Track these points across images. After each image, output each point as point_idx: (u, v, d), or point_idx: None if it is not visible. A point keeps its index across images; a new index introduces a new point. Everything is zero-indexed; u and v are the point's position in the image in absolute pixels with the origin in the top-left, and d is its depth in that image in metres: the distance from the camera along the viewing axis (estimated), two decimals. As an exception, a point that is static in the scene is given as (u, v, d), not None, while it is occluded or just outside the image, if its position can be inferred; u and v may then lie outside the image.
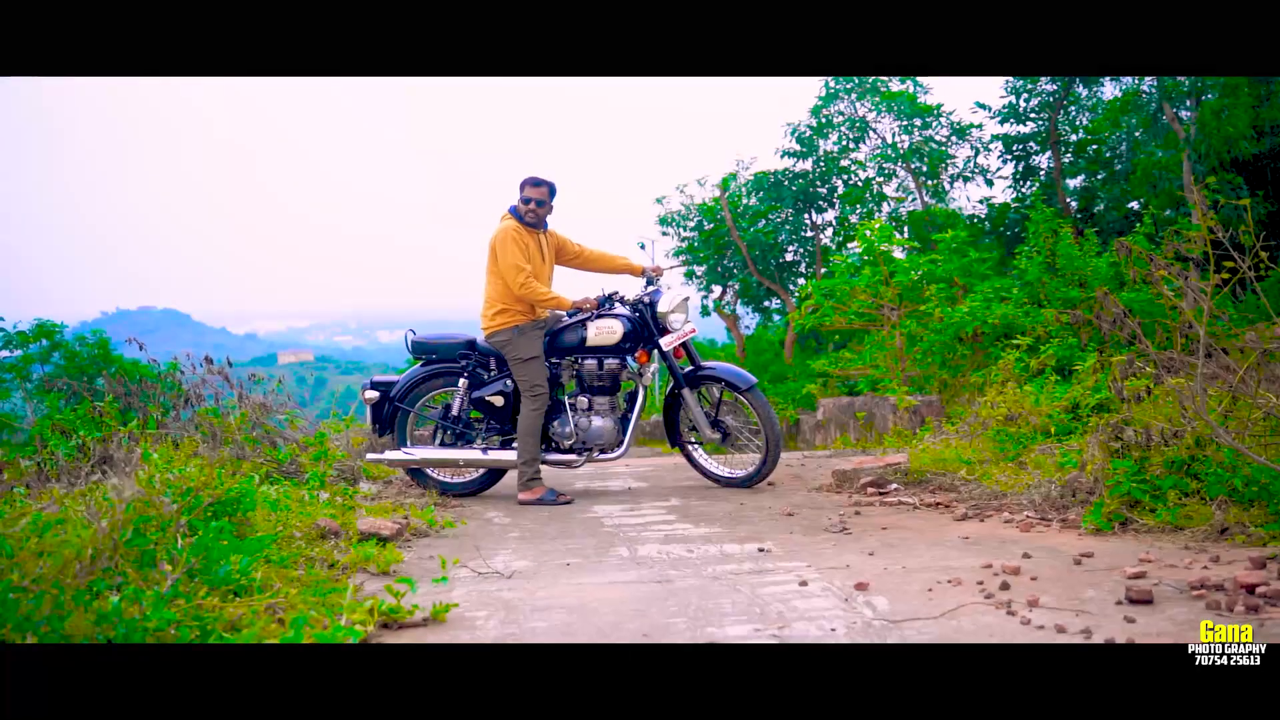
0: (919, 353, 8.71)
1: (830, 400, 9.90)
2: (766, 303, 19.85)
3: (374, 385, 5.09)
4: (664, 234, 19.23)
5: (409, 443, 5.04)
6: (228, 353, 5.98)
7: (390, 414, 5.01)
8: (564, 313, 4.94)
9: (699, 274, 19.09)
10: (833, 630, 2.12)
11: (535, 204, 4.76)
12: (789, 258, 18.80)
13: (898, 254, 10.63)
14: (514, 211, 4.80)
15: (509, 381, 4.90)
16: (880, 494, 4.58)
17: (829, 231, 18.32)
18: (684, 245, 19.04)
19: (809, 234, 18.22)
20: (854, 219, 16.67)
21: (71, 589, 1.84)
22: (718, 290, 19.63)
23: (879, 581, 2.61)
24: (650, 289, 5.02)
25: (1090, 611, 2.17)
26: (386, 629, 2.26)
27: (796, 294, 16.51)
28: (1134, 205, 14.25)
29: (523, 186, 4.79)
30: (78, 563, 2.04)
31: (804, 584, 2.62)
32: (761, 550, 3.23)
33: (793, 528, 3.69)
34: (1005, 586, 2.44)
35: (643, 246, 18.68)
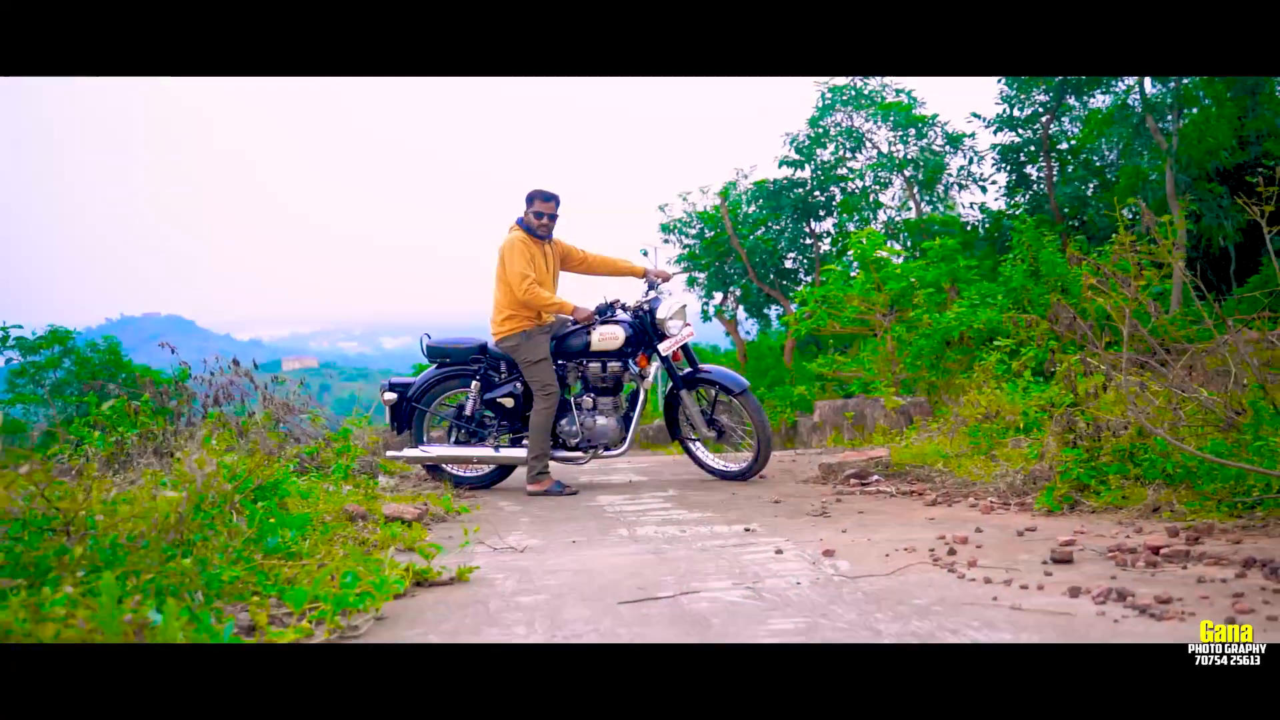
0: (909, 356, 9.10)
1: (826, 403, 10.28)
2: (766, 309, 20.24)
3: (392, 387, 5.48)
4: (666, 241, 19.66)
5: (426, 440, 5.43)
6: (232, 359, 6.36)
7: (408, 413, 5.40)
8: (568, 318, 5.31)
9: (701, 280, 19.50)
10: (798, 584, 2.50)
11: (548, 218, 5.13)
12: (788, 265, 19.22)
13: (897, 261, 10.99)
14: (521, 223, 5.16)
15: (519, 384, 5.28)
16: (861, 484, 4.96)
17: (827, 240, 18.71)
18: (686, 252, 19.45)
19: (808, 242, 18.63)
20: (851, 227, 17.05)
21: (163, 546, 2.23)
22: (719, 296, 20.04)
23: (844, 550, 2.99)
24: (650, 295, 5.37)
25: (1018, 570, 2.54)
26: (420, 586, 2.65)
27: (794, 300, 16.90)
28: (1126, 212, 14.64)
29: (531, 200, 5.14)
30: (160, 528, 2.43)
31: (779, 552, 3.01)
32: (747, 530, 3.60)
33: (778, 512, 4.07)
34: (952, 552, 2.82)
35: (645, 253, 19.08)
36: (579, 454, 5.27)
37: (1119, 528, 3.11)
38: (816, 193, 18.01)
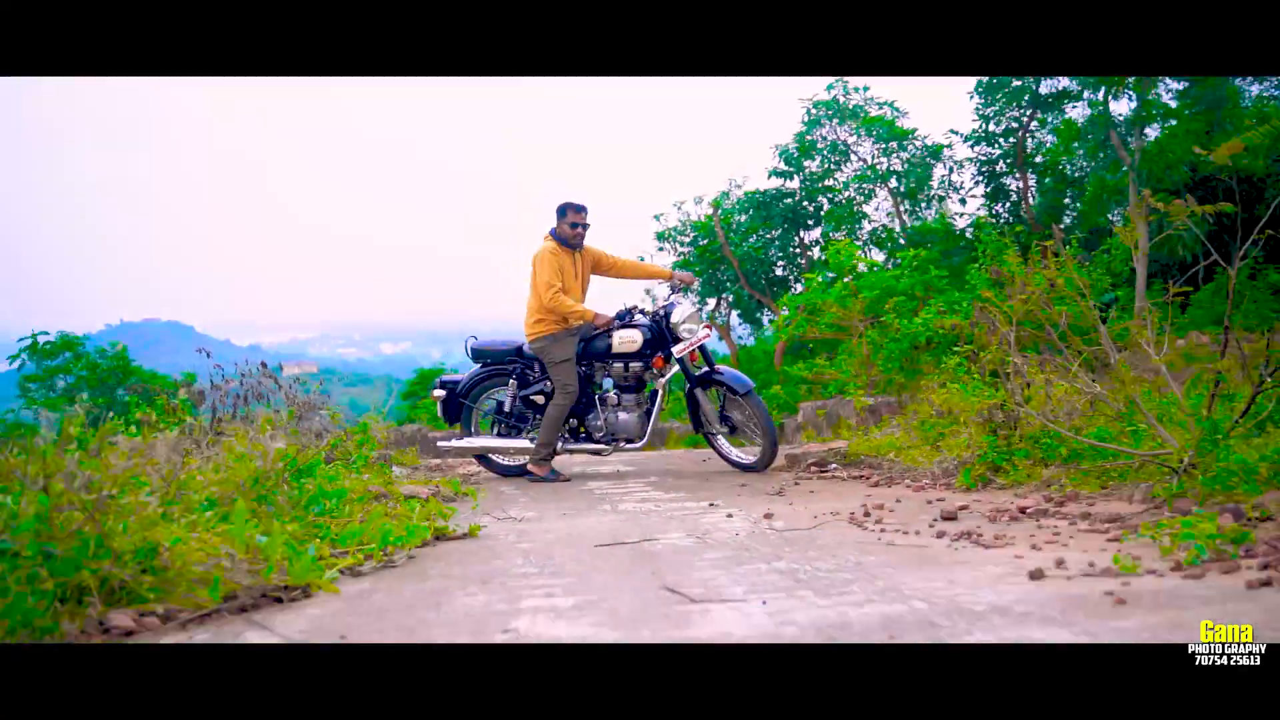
0: (882, 359, 9.77)
1: (809, 404, 10.97)
2: (758, 315, 20.94)
3: (441, 384, 6.14)
4: (661, 249, 20.36)
5: (474, 431, 6.05)
6: (232, 365, 6.85)
7: (456, 408, 6.04)
8: (590, 323, 5.88)
9: (695, 287, 20.21)
10: (736, 534, 3.17)
11: (583, 229, 5.72)
12: (779, 272, 19.92)
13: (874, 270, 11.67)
14: (554, 234, 5.72)
15: (549, 383, 5.88)
16: (820, 471, 5.63)
17: (816, 248, 19.43)
18: (680, 260, 20.15)
19: (797, 250, 19.35)
20: (837, 236, 17.75)
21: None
22: (712, 302, 20.76)
23: (782, 515, 3.67)
24: (668, 299, 5.98)
25: (915, 526, 3.21)
26: (439, 540, 3.32)
27: (780, 306, 17.60)
28: (1117, 217, 15.32)
29: (564, 212, 5.67)
30: (245, 488, 3.10)
31: (730, 516, 3.68)
32: (711, 505, 4.27)
33: (741, 492, 4.74)
34: (867, 514, 3.49)
35: (643, 260, 19.75)
36: (603, 446, 5.85)
37: (1010, 498, 3.78)
38: (805, 203, 18.74)
